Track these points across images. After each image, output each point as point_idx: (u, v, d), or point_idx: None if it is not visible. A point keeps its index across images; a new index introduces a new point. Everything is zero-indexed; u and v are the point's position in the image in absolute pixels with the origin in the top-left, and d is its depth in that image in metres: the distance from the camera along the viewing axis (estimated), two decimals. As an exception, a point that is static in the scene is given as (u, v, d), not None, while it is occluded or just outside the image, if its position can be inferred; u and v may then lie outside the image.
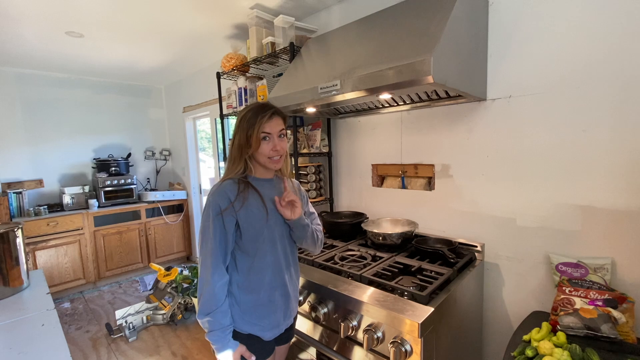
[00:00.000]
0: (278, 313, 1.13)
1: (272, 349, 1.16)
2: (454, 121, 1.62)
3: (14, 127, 3.38)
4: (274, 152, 1.08)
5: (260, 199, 1.10)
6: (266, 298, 1.10)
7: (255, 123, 1.06)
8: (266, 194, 1.12)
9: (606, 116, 1.21)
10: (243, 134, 1.07)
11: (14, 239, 1.45)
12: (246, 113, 1.09)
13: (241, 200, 1.05)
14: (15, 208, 3.22)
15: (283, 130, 1.12)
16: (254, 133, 1.06)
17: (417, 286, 1.23)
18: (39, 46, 2.73)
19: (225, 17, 2.27)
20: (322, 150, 2.14)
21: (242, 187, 1.08)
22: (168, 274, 2.76)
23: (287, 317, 1.17)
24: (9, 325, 1.18)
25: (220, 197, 1.04)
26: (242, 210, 1.05)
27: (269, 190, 1.14)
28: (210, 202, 1.05)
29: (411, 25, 1.29)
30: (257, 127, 1.06)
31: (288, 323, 1.19)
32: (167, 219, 3.94)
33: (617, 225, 1.22)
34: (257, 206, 1.08)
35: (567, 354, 0.97)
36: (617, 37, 1.16)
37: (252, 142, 1.07)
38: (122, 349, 2.39)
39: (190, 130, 4.12)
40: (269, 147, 1.08)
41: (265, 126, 1.06)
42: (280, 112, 1.13)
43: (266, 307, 1.10)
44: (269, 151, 1.08)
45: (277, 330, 1.14)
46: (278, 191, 1.16)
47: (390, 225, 1.82)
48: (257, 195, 1.10)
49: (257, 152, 1.08)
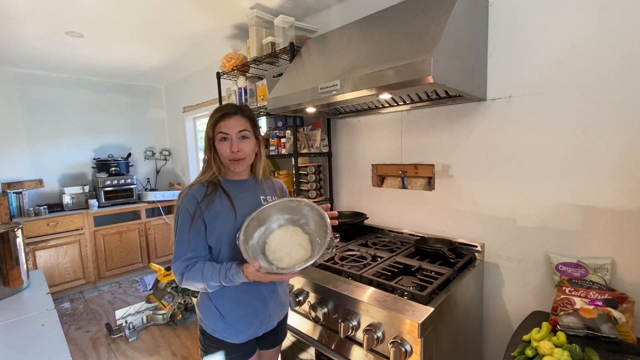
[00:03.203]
0: (253, 316, 1.10)
1: (251, 351, 1.14)
2: (454, 121, 1.62)
3: (14, 127, 3.38)
4: (232, 154, 1.05)
5: (229, 201, 1.07)
6: (239, 300, 1.07)
7: (213, 123, 1.06)
8: (237, 195, 1.10)
9: (606, 116, 1.21)
10: (208, 135, 1.08)
11: (14, 239, 1.45)
12: (211, 114, 1.09)
13: (207, 202, 1.04)
14: (15, 208, 3.22)
15: (246, 130, 1.07)
16: (214, 133, 1.06)
17: (417, 286, 1.23)
18: (39, 46, 2.73)
19: (225, 17, 2.27)
20: (322, 150, 2.13)
21: (210, 189, 1.07)
22: (168, 274, 2.76)
23: (265, 321, 1.13)
24: (9, 325, 1.18)
25: (188, 201, 1.04)
26: (207, 212, 1.04)
27: (241, 192, 1.12)
28: (180, 207, 1.04)
29: (411, 25, 1.29)
30: (215, 127, 1.05)
31: (268, 327, 1.15)
32: (167, 219, 3.94)
33: (617, 225, 1.22)
34: (224, 208, 1.06)
35: (567, 354, 0.97)
36: (617, 37, 1.16)
37: (215, 143, 1.07)
38: (122, 349, 2.39)
39: (190, 130, 4.12)
40: (227, 148, 1.05)
41: (222, 126, 1.05)
42: (244, 112, 1.09)
43: (239, 310, 1.08)
44: (227, 152, 1.05)
45: (252, 332, 1.11)
46: (252, 192, 1.14)
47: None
48: (226, 197, 1.08)
49: (219, 153, 1.07)
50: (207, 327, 1.09)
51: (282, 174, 2.23)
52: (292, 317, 1.49)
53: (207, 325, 1.09)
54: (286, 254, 1.04)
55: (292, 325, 1.48)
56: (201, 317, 1.11)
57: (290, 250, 1.05)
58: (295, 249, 1.05)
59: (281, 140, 2.17)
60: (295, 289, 1.45)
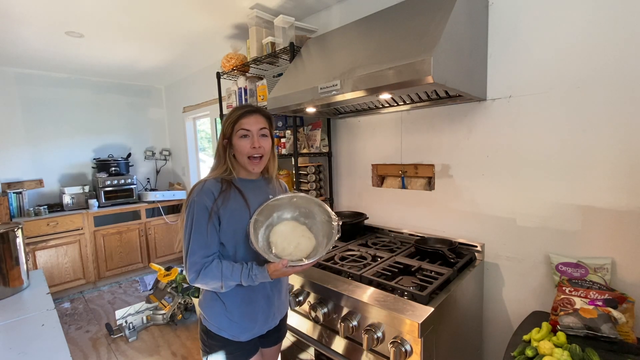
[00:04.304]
0: (259, 314, 1.11)
1: (254, 350, 1.15)
2: (454, 121, 1.62)
3: (14, 127, 3.38)
4: (253, 150, 1.06)
5: (243, 200, 1.08)
6: (247, 298, 1.09)
7: (234, 120, 1.07)
8: (249, 194, 1.11)
9: (606, 116, 1.21)
10: (225, 133, 1.09)
11: (14, 239, 1.45)
12: (230, 113, 1.10)
13: (222, 198, 1.04)
14: (15, 208, 3.22)
15: (265, 129, 1.10)
16: (234, 130, 1.06)
17: (417, 286, 1.23)
18: (39, 46, 2.73)
19: (225, 17, 2.27)
20: (322, 150, 2.14)
21: (225, 186, 1.07)
22: (168, 274, 2.76)
23: (269, 320, 1.15)
24: (9, 325, 1.18)
25: (206, 195, 1.03)
26: (223, 209, 1.04)
27: (252, 191, 1.13)
28: (195, 201, 1.03)
29: (411, 25, 1.29)
30: (236, 124, 1.06)
31: (271, 325, 1.17)
32: (167, 219, 3.94)
33: (617, 225, 1.22)
34: (239, 205, 1.07)
35: (567, 354, 0.97)
36: (617, 37, 1.16)
37: (233, 141, 1.07)
38: (122, 349, 2.39)
39: (190, 130, 4.12)
40: (247, 144, 1.06)
41: (244, 123, 1.06)
42: (263, 111, 1.12)
43: (246, 307, 1.09)
44: (248, 149, 1.06)
45: (257, 331, 1.13)
46: (262, 192, 1.15)
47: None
48: (240, 196, 1.08)
49: (238, 151, 1.07)
50: (212, 326, 1.09)
51: (282, 174, 2.23)
52: (292, 317, 1.48)
53: (212, 324, 1.09)
54: (295, 247, 1.07)
55: (292, 325, 1.48)
56: (205, 316, 1.11)
57: (298, 243, 1.08)
58: (301, 241, 1.09)
59: (281, 140, 2.17)
60: (295, 289, 1.45)
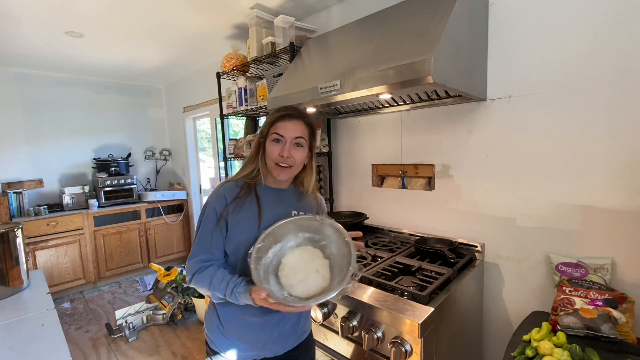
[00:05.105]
0: (260, 334, 1.00)
1: None
2: (454, 121, 1.62)
3: (14, 127, 3.38)
4: (281, 159, 0.97)
5: (257, 210, 1.00)
6: (248, 314, 0.98)
7: (271, 122, 1.00)
8: (267, 205, 1.02)
9: (606, 116, 1.21)
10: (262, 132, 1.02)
11: (14, 238, 1.45)
12: (273, 111, 1.02)
13: (235, 205, 0.99)
14: (15, 208, 3.22)
15: (302, 138, 0.99)
16: (269, 132, 0.99)
17: (417, 286, 1.23)
18: (39, 46, 2.73)
19: (225, 17, 2.27)
20: (322, 150, 2.13)
21: (243, 192, 1.01)
22: (168, 274, 2.76)
23: (276, 342, 1.02)
24: (9, 325, 1.18)
25: (218, 200, 1.00)
26: (233, 216, 0.98)
27: (273, 202, 1.03)
28: (209, 204, 1.01)
29: (411, 25, 1.29)
30: (273, 126, 1.00)
31: (279, 350, 1.03)
32: (167, 219, 3.94)
33: (617, 225, 1.22)
34: (250, 215, 0.99)
35: (567, 354, 0.97)
36: (617, 37, 1.16)
37: (266, 142, 1.00)
38: (122, 349, 2.39)
39: (190, 130, 4.12)
40: (277, 150, 0.98)
41: (279, 127, 0.98)
42: (307, 118, 1.02)
43: (239, 327, 1.00)
44: (276, 155, 0.98)
45: (258, 353, 1.01)
46: (286, 205, 1.05)
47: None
48: (255, 204, 1.01)
49: (267, 154, 1.00)
50: (207, 336, 1.07)
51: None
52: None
53: (207, 334, 1.07)
54: (300, 281, 0.89)
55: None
56: (205, 324, 1.09)
57: (306, 277, 0.90)
58: (311, 276, 0.90)
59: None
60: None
